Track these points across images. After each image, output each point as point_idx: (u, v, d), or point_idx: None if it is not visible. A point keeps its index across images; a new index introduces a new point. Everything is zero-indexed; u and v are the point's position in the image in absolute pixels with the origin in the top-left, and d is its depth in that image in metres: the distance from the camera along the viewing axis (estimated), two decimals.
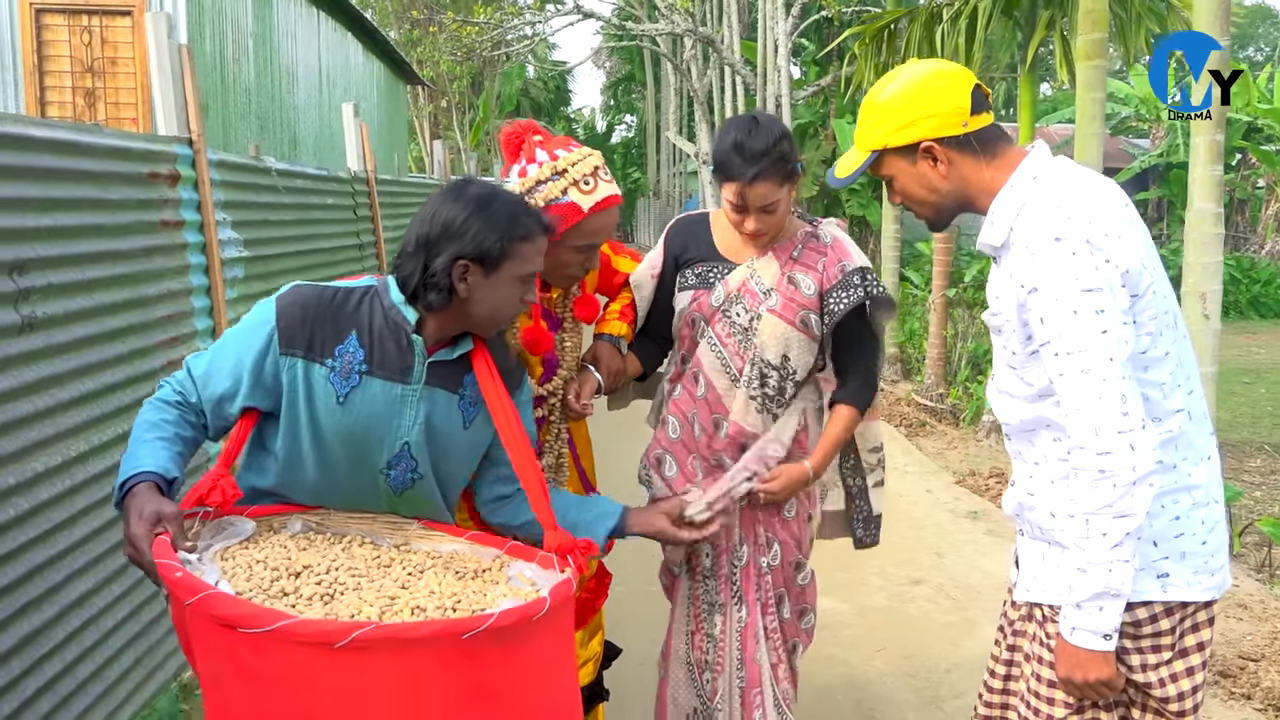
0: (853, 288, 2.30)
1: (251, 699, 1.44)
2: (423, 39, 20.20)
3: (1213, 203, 4.75)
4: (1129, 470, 1.59)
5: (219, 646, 1.45)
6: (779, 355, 2.32)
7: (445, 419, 1.88)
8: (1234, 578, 4.46)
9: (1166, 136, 18.77)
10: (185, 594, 1.44)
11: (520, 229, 1.79)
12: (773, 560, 2.42)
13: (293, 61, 11.33)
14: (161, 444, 1.69)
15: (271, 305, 1.79)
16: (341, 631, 1.39)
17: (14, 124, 2.40)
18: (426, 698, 1.44)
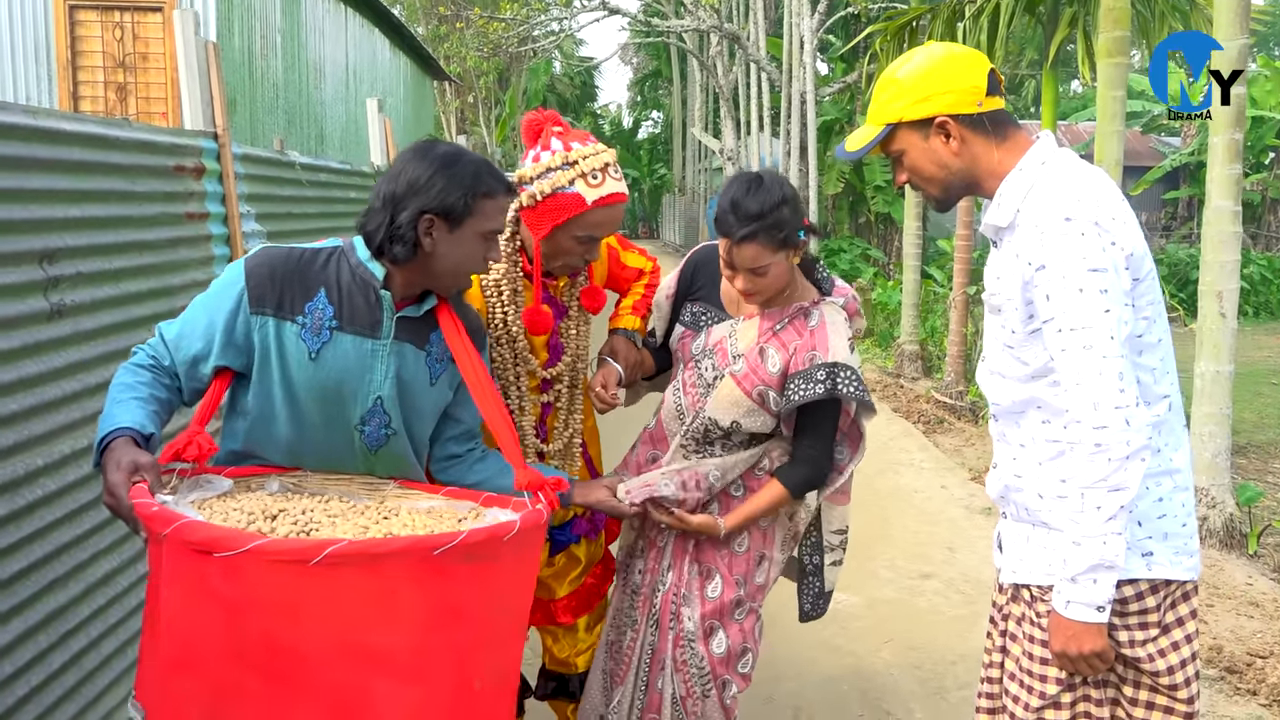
0: (815, 382, 2.23)
1: (226, 628, 1.46)
2: (450, 34, 20.35)
3: (1230, 200, 4.75)
4: (1124, 445, 1.65)
5: (193, 577, 1.47)
6: (729, 420, 2.29)
7: (414, 374, 1.94)
8: (1248, 577, 4.46)
9: (1198, 135, 18.58)
10: (161, 525, 1.48)
11: (483, 186, 1.85)
12: (711, 593, 2.36)
13: (320, 57, 11.46)
14: (137, 403, 1.72)
15: (240, 266, 1.84)
16: (315, 548, 1.42)
17: (46, 118, 2.48)
18: (400, 614, 1.49)
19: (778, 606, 4.01)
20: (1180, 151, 19.29)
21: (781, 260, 2.21)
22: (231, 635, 1.47)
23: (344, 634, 1.47)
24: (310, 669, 1.48)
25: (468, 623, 1.56)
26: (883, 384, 9.36)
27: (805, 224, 2.25)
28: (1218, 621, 3.99)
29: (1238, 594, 4.27)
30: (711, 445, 2.34)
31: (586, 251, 2.24)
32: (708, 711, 2.35)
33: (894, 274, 16.57)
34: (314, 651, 1.48)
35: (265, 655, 1.47)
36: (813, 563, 2.48)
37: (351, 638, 1.48)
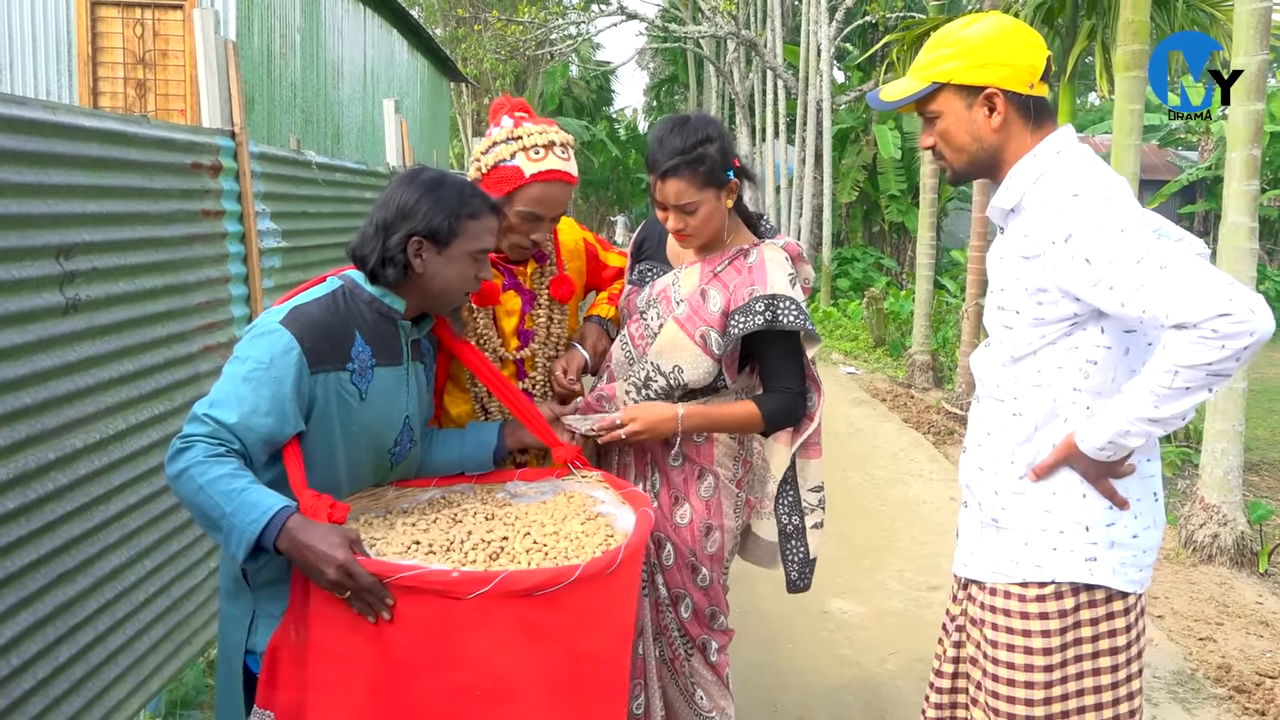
0: (754, 314, 2.22)
1: (540, 657, 1.66)
2: (467, 36, 20.40)
3: (1248, 216, 4.72)
4: (1245, 323, 1.53)
5: (510, 622, 1.62)
6: (671, 364, 2.28)
7: (422, 387, 2.09)
8: (1258, 596, 4.43)
9: (1215, 150, 18.49)
10: (473, 587, 1.59)
11: (468, 207, 1.95)
12: (666, 560, 2.36)
13: (338, 57, 11.51)
14: (258, 486, 1.70)
15: (283, 332, 1.82)
16: (612, 556, 1.71)
17: (66, 114, 2.50)
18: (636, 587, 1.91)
19: (781, 619, 4.02)
20: (1197, 166, 19.20)
21: (710, 199, 2.23)
22: (545, 662, 1.68)
23: (616, 624, 1.79)
24: (606, 668, 1.78)
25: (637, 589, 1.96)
26: (894, 394, 9.34)
27: (735, 164, 2.26)
28: (1227, 640, 3.96)
29: (1247, 613, 4.24)
30: (666, 396, 2.30)
31: (532, 230, 2.24)
32: (695, 669, 2.40)
33: (906, 283, 16.53)
34: (601, 649, 1.76)
35: (571, 669, 1.71)
36: (792, 523, 2.41)
37: (620, 624, 1.81)
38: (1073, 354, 1.78)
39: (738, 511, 2.42)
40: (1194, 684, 3.59)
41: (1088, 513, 1.80)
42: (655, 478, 2.38)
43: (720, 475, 2.38)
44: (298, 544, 1.64)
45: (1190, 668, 3.71)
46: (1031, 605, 1.82)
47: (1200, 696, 3.51)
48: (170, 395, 2.96)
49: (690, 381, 2.28)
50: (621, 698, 1.89)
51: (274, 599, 1.82)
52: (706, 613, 2.40)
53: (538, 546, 1.80)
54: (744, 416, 2.31)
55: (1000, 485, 1.87)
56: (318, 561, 1.62)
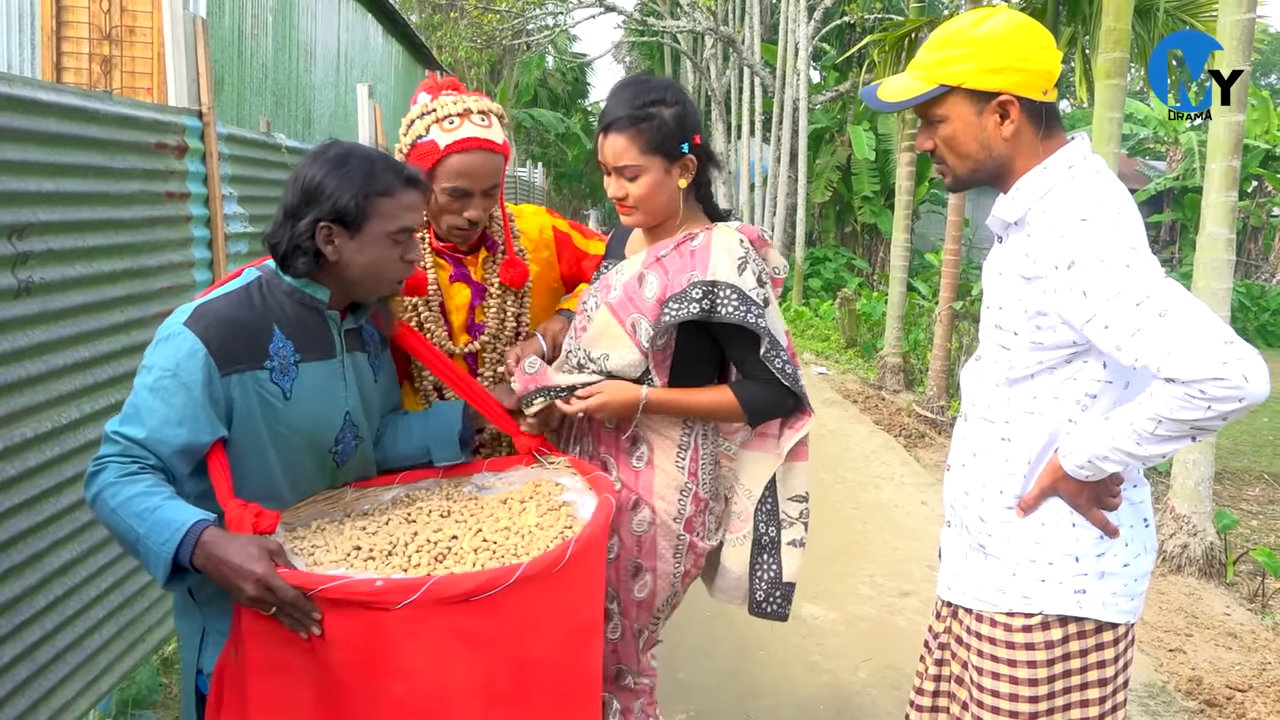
0: (689, 301, 1.97)
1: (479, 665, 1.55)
2: (443, 24, 20.19)
3: (1225, 228, 4.73)
4: (1235, 400, 1.46)
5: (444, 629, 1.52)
6: (599, 351, 2.06)
7: (365, 379, 1.94)
8: (1225, 607, 4.44)
9: (1183, 160, 18.71)
10: (401, 595, 1.47)
11: (377, 185, 1.76)
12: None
13: (311, 40, 11.32)
14: (172, 501, 1.59)
15: (187, 334, 1.69)
16: (559, 554, 1.60)
17: (22, 86, 2.38)
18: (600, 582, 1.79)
19: (751, 625, 3.96)
20: (1165, 176, 19.41)
21: (656, 169, 2.00)
22: (485, 671, 1.57)
23: (570, 622, 1.67)
24: (549, 669, 1.65)
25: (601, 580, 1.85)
26: (865, 395, 9.33)
27: (696, 141, 2.04)
28: (1196, 652, 3.96)
29: (1216, 624, 4.25)
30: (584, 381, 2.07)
31: (463, 207, 2.10)
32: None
33: (878, 285, 16.58)
34: (552, 651, 1.64)
35: (517, 675, 1.59)
36: (768, 535, 2.13)
37: (574, 621, 1.69)
38: (1070, 385, 1.70)
39: (678, 556, 2.11)
40: (1165, 696, 3.57)
41: (1077, 543, 1.73)
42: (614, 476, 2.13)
43: (658, 510, 2.09)
44: (214, 559, 1.51)
45: (1161, 680, 3.69)
46: (1018, 635, 1.76)
47: (1172, 710, 3.49)
48: (127, 383, 2.83)
49: (615, 371, 2.05)
50: (586, 700, 1.75)
51: (222, 615, 1.68)
52: (610, 670, 2.13)
53: (487, 545, 1.69)
54: (718, 404, 2.06)
55: (987, 512, 1.80)
56: (234, 577, 1.49)
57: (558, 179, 32.98)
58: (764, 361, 2.03)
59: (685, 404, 2.08)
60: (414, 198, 1.82)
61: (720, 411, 2.09)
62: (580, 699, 1.73)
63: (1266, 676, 3.72)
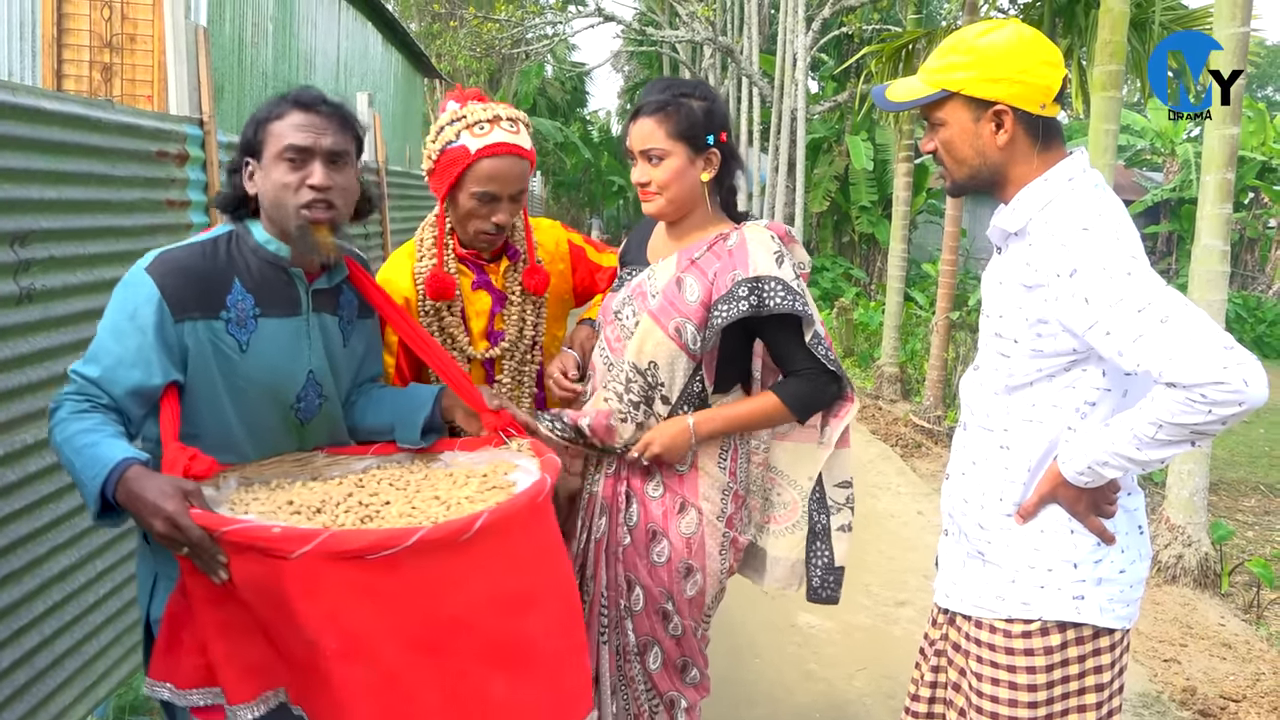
0: (737, 300, 2.03)
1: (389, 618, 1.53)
2: (443, 33, 20.24)
3: (1220, 240, 4.75)
4: (1236, 404, 1.50)
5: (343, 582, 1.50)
6: (646, 361, 2.11)
7: (334, 341, 1.96)
8: (1220, 617, 4.45)
9: (1180, 171, 18.76)
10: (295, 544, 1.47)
11: (273, 110, 1.82)
12: (635, 604, 2.18)
13: (311, 48, 11.36)
14: (113, 439, 1.62)
15: (145, 279, 1.74)
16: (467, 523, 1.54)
17: (27, 95, 2.40)
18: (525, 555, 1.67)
19: (747, 632, 3.98)
20: (1162, 187, 19.47)
21: (681, 156, 2.06)
22: (395, 623, 1.54)
23: (491, 590, 1.61)
24: (471, 631, 1.60)
25: (559, 547, 1.78)
26: (862, 405, 9.33)
27: (723, 138, 2.09)
28: (1191, 663, 3.97)
29: (1210, 634, 4.26)
30: (645, 399, 2.13)
31: (491, 212, 2.15)
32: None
33: (875, 294, 16.61)
34: (471, 614, 1.59)
35: (429, 632, 1.56)
36: (820, 523, 2.23)
37: (498, 589, 1.62)
38: (1069, 393, 1.72)
39: (723, 553, 2.19)
40: (1160, 706, 3.59)
41: (1075, 550, 1.76)
42: (632, 510, 2.19)
43: (704, 511, 2.17)
44: (131, 495, 1.54)
45: (1156, 690, 3.71)
46: (1017, 641, 1.78)
47: (1166, 719, 3.50)
48: None
49: (666, 381, 2.11)
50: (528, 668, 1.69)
51: (171, 561, 1.66)
52: (677, 664, 2.21)
53: (414, 512, 1.71)
54: (766, 409, 2.12)
55: (986, 519, 1.83)
56: (147, 513, 1.52)
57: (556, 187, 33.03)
58: (810, 349, 2.09)
59: (735, 418, 2.14)
60: (302, 118, 1.81)
61: (771, 417, 2.15)
62: (521, 666, 1.68)
63: (1261, 687, 3.74)
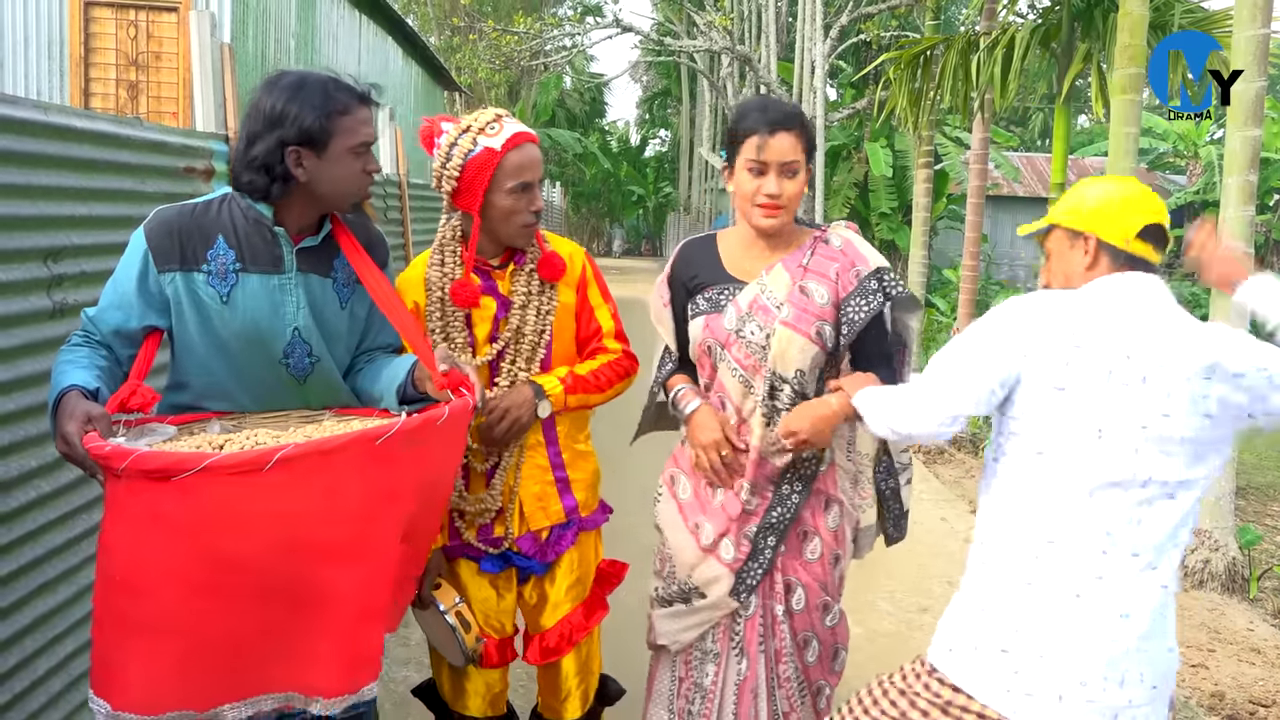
0: (870, 294, 2.22)
1: (177, 553, 1.54)
2: (462, 46, 20.39)
3: (1243, 242, 4.72)
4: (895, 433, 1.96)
5: (147, 507, 1.54)
6: (793, 368, 2.22)
7: (324, 302, 2.02)
8: (1249, 623, 4.41)
9: (1203, 174, 18.63)
10: (118, 460, 1.52)
11: (336, 103, 1.88)
12: (797, 604, 2.31)
13: (333, 63, 11.48)
14: (78, 367, 1.80)
15: (140, 233, 1.91)
16: (268, 454, 1.51)
17: (59, 114, 2.46)
18: (345, 505, 1.61)
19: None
20: (1185, 190, 19.33)
21: (804, 170, 2.22)
22: (182, 560, 1.55)
23: (292, 534, 1.57)
24: (259, 575, 1.58)
25: (403, 500, 1.70)
26: None
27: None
28: (1219, 668, 3.94)
29: (1239, 639, 4.22)
30: (783, 408, 2.25)
31: (529, 203, 2.21)
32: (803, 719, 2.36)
33: None
34: (262, 558, 1.57)
35: (215, 573, 1.55)
36: (888, 487, 2.45)
37: (299, 535, 1.58)
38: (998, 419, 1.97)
39: (854, 539, 2.43)
40: (1188, 712, 3.56)
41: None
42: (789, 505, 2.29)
43: (844, 503, 2.37)
44: (57, 415, 1.69)
45: (1184, 695, 3.68)
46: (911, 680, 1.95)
47: None
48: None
49: (810, 383, 2.26)
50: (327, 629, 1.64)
51: None
52: (831, 651, 2.37)
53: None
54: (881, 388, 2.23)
55: None
56: (57, 430, 1.67)
57: (575, 198, 33.16)
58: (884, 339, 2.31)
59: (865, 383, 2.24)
60: (367, 113, 1.95)
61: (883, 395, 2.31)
62: (310, 619, 1.63)
63: None
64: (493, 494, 2.31)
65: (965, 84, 8.17)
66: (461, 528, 2.34)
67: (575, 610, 2.44)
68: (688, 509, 2.37)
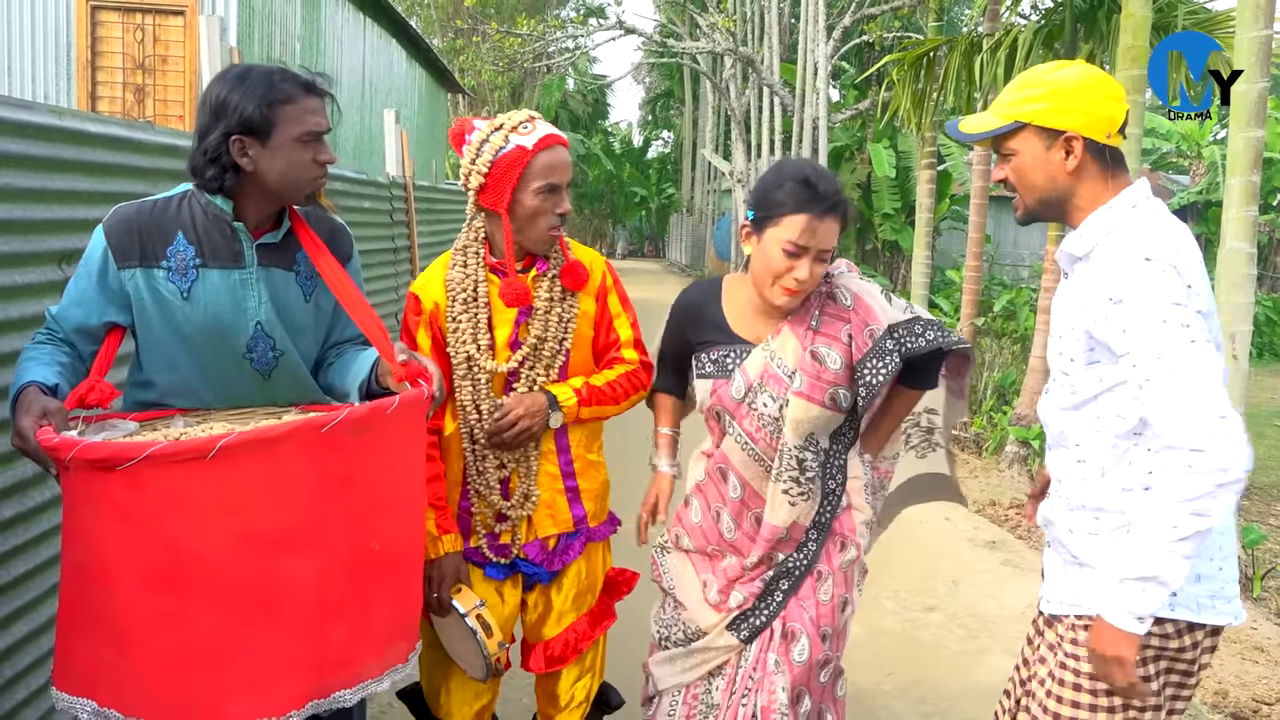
0: (886, 354, 2.14)
1: (131, 546, 1.55)
2: (465, 48, 20.43)
3: (1246, 243, 4.74)
4: (1219, 473, 1.59)
5: (98, 498, 1.55)
6: (805, 436, 2.17)
7: (287, 296, 2.04)
8: (1252, 621, 4.42)
9: (1206, 174, 18.63)
10: (65, 450, 1.54)
11: (278, 93, 1.88)
12: (798, 657, 2.20)
13: (337, 65, 11.51)
14: (39, 364, 1.82)
15: (99, 230, 1.94)
16: (210, 442, 1.51)
17: (72, 119, 2.49)
18: (295, 493, 1.60)
19: None
20: (1189, 190, 19.33)
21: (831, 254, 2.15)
22: (137, 554, 1.55)
23: (244, 524, 1.57)
24: (214, 568, 1.56)
25: (359, 489, 1.67)
26: None
27: None
28: (1223, 666, 3.96)
29: (1242, 638, 4.24)
30: (810, 475, 2.22)
31: (555, 205, 2.20)
32: None
33: None
34: (216, 550, 1.56)
35: (170, 567, 1.55)
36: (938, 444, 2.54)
37: (251, 526, 1.57)
38: (1134, 403, 1.77)
39: (860, 582, 2.35)
40: (1192, 710, 3.58)
41: None
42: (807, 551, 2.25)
43: (860, 545, 2.28)
44: (14, 410, 1.71)
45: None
46: None
47: None
48: None
49: (826, 446, 2.23)
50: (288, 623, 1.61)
51: None
52: (814, 713, 2.24)
53: None
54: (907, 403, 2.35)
55: (1074, 525, 1.88)
56: (13, 425, 1.69)
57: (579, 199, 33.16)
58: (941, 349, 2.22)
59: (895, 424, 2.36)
60: (315, 103, 1.94)
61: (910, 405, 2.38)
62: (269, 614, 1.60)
63: None
64: (516, 502, 2.31)
65: (968, 85, 8.19)
66: (477, 530, 2.33)
67: (581, 619, 2.43)
68: (696, 563, 2.36)
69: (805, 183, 2.07)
